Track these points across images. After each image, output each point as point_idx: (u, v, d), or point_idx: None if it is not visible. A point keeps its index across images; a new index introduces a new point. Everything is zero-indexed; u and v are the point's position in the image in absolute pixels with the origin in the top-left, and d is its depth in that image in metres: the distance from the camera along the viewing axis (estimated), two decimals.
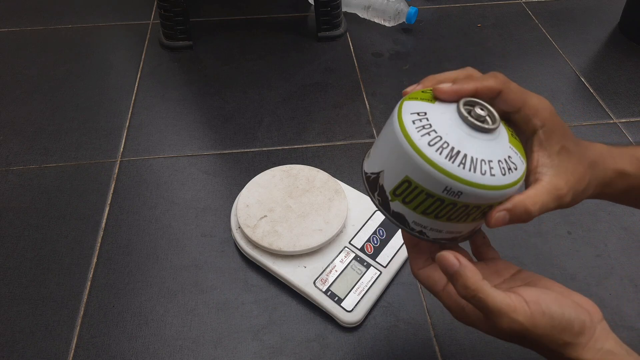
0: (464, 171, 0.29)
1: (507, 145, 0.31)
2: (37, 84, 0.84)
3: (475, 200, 0.30)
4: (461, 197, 0.30)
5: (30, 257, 0.60)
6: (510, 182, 0.30)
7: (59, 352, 0.52)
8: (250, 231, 0.57)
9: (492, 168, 0.30)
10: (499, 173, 0.30)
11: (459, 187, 0.29)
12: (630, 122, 0.78)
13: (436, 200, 0.31)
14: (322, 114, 0.80)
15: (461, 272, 0.31)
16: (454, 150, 0.29)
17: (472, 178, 0.29)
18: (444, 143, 0.29)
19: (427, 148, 0.29)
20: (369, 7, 0.97)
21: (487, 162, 0.30)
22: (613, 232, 0.63)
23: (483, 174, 0.29)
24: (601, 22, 0.99)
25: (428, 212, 0.32)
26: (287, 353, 0.52)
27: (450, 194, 0.30)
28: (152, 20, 0.99)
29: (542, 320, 0.30)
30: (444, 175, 0.29)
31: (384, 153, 0.33)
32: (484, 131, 0.30)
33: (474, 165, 0.29)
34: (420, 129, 0.30)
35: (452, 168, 0.29)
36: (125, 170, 0.70)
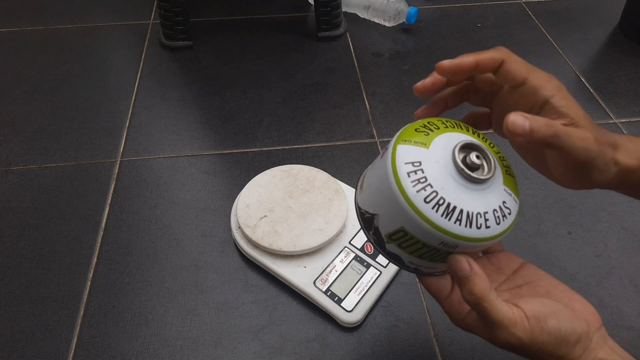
0: (460, 227, 0.29)
1: (501, 189, 0.31)
2: (37, 84, 0.84)
3: (471, 249, 0.31)
4: (457, 249, 0.31)
5: (30, 257, 0.60)
6: (503, 230, 0.31)
7: (59, 352, 0.52)
8: (250, 231, 0.57)
9: (487, 220, 0.30)
10: (494, 223, 0.30)
11: (455, 242, 0.30)
12: (631, 122, 0.78)
13: (432, 250, 0.31)
14: (322, 114, 0.80)
15: (470, 277, 0.31)
16: (450, 207, 0.29)
17: (468, 233, 0.30)
18: (440, 199, 0.29)
19: (423, 205, 0.29)
20: (369, 7, 0.97)
21: (483, 214, 0.30)
22: (613, 232, 0.63)
23: (479, 228, 0.30)
24: (601, 22, 0.99)
25: (424, 257, 0.32)
26: (287, 353, 0.52)
27: (446, 246, 0.31)
28: (152, 20, 0.99)
29: (540, 337, 0.31)
30: (440, 232, 0.30)
31: (378, 198, 0.32)
32: (479, 182, 0.30)
33: (469, 220, 0.29)
34: (415, 183, 0.30)
35: (448, 225, 0.29)
36: (125, 170, 0.70)
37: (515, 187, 0.32)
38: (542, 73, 0.32)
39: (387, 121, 0.78)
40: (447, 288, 0.35)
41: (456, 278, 0.32)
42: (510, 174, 0.33)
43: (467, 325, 0.34)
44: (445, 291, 0.35)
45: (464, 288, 0.31)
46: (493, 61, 0.31)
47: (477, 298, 0.31)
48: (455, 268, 0.31)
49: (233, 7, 1.03)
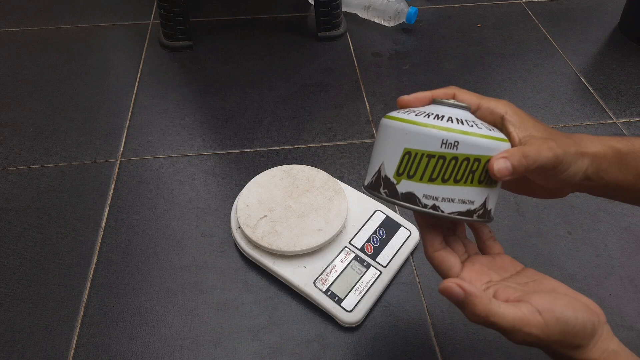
0: (454, 124, 0.32)
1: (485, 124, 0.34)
2: (37, 84, 0.84)
3: (473, 150, 0.32)
4: (459, 149, 0.32)
5: (30, 257, 0.60)
6: (501, 137, 0.33)
7: (59, 352, 0.52)
8: (250, 231, 0.57)
9: (478, 125, 0.33)
10: (486, 129, 0.33)
11: (454, 136, 0.32)
12: (630, 122, 0.79)
13: (438, 159, 0.32)
14: (322, 114, 0.80)
15: (467, 300, 0.31)
16: (440, 115, 0.33)
17: (463, 128, 0.32)
18: (429, 113, 0.33)
19: (416, 117, 0.33)
20: (369, 7, 0.97)
21: (472, 121, 0.33)
22: (613, 232, 0.63)
23: (471, 126, 0.32)
24: (601, 22, 0.99)
25: (434, 178, 0.33)
26: (287, 353, 0.52)
27: (448, 146, 0.32)
28: (152, 20, 0.99)
29: (556, 328, 0.31)
30: (437, 129, 0.32)
31: (379, 150, 0.35)
32: (460, 107, 0.34)
33: (460, 121, 0.32)
34: (406, 112, 0.34)
35: (442, 124, 0.32)
36: (125, 170, 0.70)
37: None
38: (491, 98, 0.37)
39: None
40: (457, 265, 0.35)
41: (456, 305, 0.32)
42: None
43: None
44: (456, 269, 0.35)
45: (466, 312, 0.32)
46: (446, 95, 0.37)
47: (482, 317, 0.31)
48: (449, 296, 0.32)
49: (233, 7, 1.03)
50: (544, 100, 0.82)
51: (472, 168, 0.32)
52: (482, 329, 0.53)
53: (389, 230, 0.60)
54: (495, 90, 0.84)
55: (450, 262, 0.35)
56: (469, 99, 0.36)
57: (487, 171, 0.33)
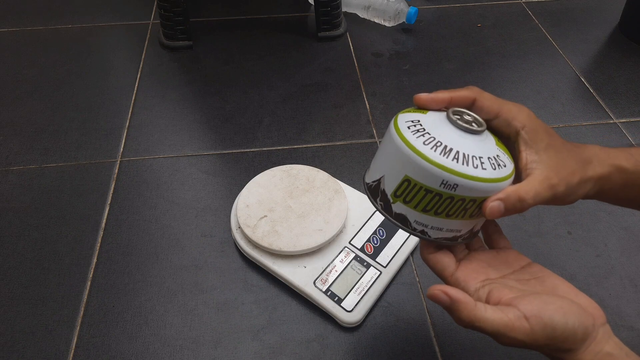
0: (458, 164, 0.32)
1: (494, 146, 0.34)
2: (37, 84, 0.84)
3: (471, 193, 0.32)
4: (457, 190, 0.32)
5: (30, 257, 0.60)
6: (501, 177, 0.33)
7: (59, 352, 0.52)
8: (250, 231, 0.57)
9: (483, 163, 0.32)
10: (490, 168, 0.32)
11: (454, 179, 0.31)
12: (630, 122, 0.79)
13: (435, 196, 0.33)
14: (322, 114, 0.80)
15: (453, 306, 0.32)
16: (447, 148, 0.32)
17: (466, 171, 0.31)
18: (438, 142, 0.32)
19: (422, 147, 0.32)
20: (369, 7, 0.97)
21: (478, 157, 0.32)
22: (613, 232, 0.63)
23: (475, 168, 0.32)
24: (601, 22, 0.99)
25: (428, 209, 0.33)
26: (287, 353, 0.52)
27: (447, 187, 0.32)
28: (152, 20, 0.99)
29: (543, 333, 0.31)
30: (440, 169, 0.31)
31: (383, 160, 0.35)
32: (472, 132, 0.33)
33: (466, 160, 0.32)
34: (415, 132, 0.33)
35: (446, 162, 0.32)
36: (125, 170, 0.70)
37: (508, 152, 0.35)
38: (513, 105, 0.36)
39: (387, 121, 0.78)
40: (452, 266, 0.36)
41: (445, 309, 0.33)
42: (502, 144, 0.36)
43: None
44: (451, 269, 0.36)
45: (453, 317, 0.33)
46: (466, 99, 0.35)
47: (467, 323, 0.32)
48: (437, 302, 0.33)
49: (233, 7, 1.03)
50: (544, 100, 0.82)
51: (465, 207, 0.33)
52: None
53: (389, 230, 0.60)
54: (495, 90, 0.84)
55: (444, 262, 0.36)
56: (489, 107, 0.35)
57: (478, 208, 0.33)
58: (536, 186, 0.33)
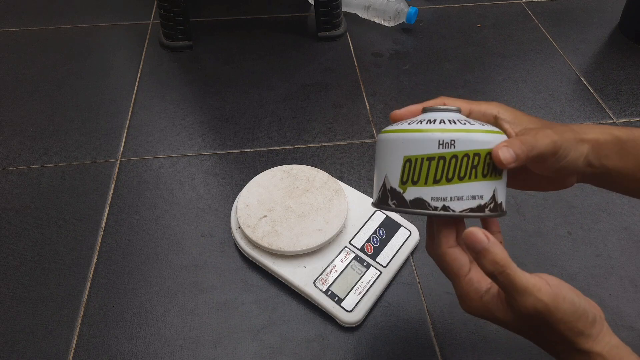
0: (447, 125, 0.33)
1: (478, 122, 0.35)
2: (37, 84, 0.84)
3: (471, 146, 0.32)
4: (457, 146, 0.32)
5: (30, 257, 0.60)
6: (494, 129, 0.34)
7: (59, 352, 0.52)
8: (250, 231, 0.57)
9: (471, 123, 0.33)
10: (478, 124, 0.33)
11: (449, 136, 0.32)
12: (630, 122, 0.78)
13: (438, 161, 0.32)
14: (322, 114, 0.80)
15: (490, 248, 0.32)
16: (432, 120, 0.34)
17: (457, 127, 0.33)
18: (421, 120, 0.34)
19: (409, 126, 0.34)
20: (369, 7, 0.97)
21: (464, 120, 0.34)
22: (613, 232, 0.63)
23: (464, 124, 0.33)
24: (601, 22, 0.99)
25: (438, 179, 0.33)
26: (287, 353, 0.52)
27: (445, 146, 0.32)
28: (152, 20, 0.99)
29: (564, 305, 0.31)
30: (432, 132, 0.32)
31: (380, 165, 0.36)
32: (450, 110, 0.35)
33: (453, 122, 0.33)
34: (399, 124, 0.35)
35: (436, 126, 0.33)
36: (125, 170, 0.70)
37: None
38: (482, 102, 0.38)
39: (387, 121, 0.78)
40: (468, 265, 0.35)
41: (474, 253, 0.32)
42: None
43: (484, 304, 0.34)
44: (466, 268, 0.35)
45: (486, 259, 0.32)
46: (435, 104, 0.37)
47: (500, 266, 0.31)
48: (472, 241, 0.32)
49: (233, 7, 1.03)
50: (544, 100, 0.82)
51: (473, 163, 0.33)
52: (482, 329, 0.53)
53: (389, 230, 0.60)
54: (495, 90, 0.84)
55: (462, 261, 0.35)
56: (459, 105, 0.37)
57: (489, 164, 0.33)
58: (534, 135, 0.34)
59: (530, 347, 0.36)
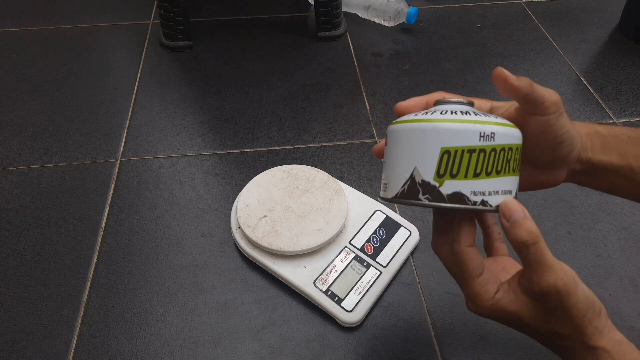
0: (482, 117, 0.32)
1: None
2: (37, 84, 0.84)
3: (508, 140, 0.32)
4: (496, 139, 0.31)
5: (30, 257, 0.60)
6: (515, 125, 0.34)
7: (59, 352, 0.52)
8: (250, 231, 0.57)
9: (497, 117, 0.33)
10: (502, 120, 0.33)
11: (489, 128, 0.31)
12: (630, 122, 0.78)
13: (479, 154, 0.31)
14: (322, 114, 0.80)
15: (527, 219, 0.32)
16: (463, 112, 0.32)
17: (493, 119, 0.32)
18: (452, 111, 0.33)
19: (442, 116, 0.32)
20: (369, 7, 0.97)
21: (490, 115, 0.33)
22: (613, 232, 0.63)
23: (496, 118, 0.32)
24: (601, 22, 0.99)
25: (478, 172, 0.32)
26: (287, 353, 0.52)
27: (486, 139, 0.31)
28: (152, 20, 0.99)
29: (578, 289, 0.32)
30: (473, 124, 0.31)
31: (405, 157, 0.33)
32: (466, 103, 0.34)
33: (484, 115, 0.32)
34: (424, 114, 0.33)
35: (472, 118, 0.32)
36: (125, 170, 0.70)
37: None
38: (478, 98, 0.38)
39: (387, 121, 0.78)
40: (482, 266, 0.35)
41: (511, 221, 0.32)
42: None
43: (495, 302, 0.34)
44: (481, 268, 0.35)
45: (522, 228, 0.32)
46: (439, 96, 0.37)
47: (535, 236, 0.31)
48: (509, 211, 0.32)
49: (233, 7, 1.03)
50: None
51: (507, 157, 0.32)
52: (482, 329, 0.53)
53: (389, 230, 0.60)
54: (495, 90, 0.83)
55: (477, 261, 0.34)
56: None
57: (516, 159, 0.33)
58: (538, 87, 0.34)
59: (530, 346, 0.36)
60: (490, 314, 0.34)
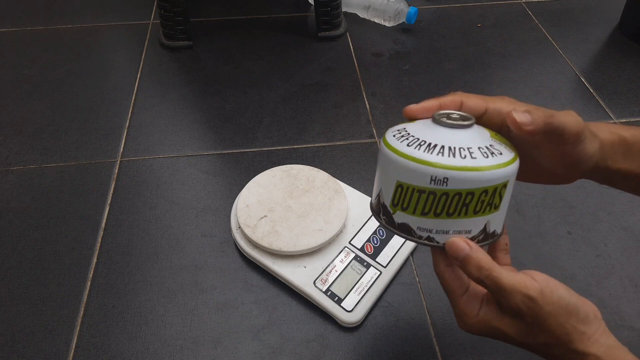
0: (443, 158, 0.31)
1: (487, 137, 0.33)
2: (37, 84, 0.84)
3: (464, 185, 0.31)
4: (449, 184, 0.31)
5: (30, 257, 0.60)
6: (495, 164, 0.31)
7: (59, 352, 0.52)
8: (250, 231, 0.57)
9: (472, 153, 0.31)
10: (481, 156, 0.31)
11: (442, 173, 0.31)
12: (630, 122, 0.79)
13: (429, 195, 0.32)
14: (322, 114, 0.80)
15: (473, 255, 0.32)
16: (432, 145, 0.31)
17: (453, 162, 0.30)
18: (422, 141, 0.32)
19: (406, 148, 0.32)
20: (369, 7, 0.97)
21: (466, 148, 0.31)
22: (613, 232, 0.63)
23: (463, 158, 0.31)
24: (601, 22, 0.99)
25: (426, 212, 0.32)
26: (287, 353, 0.52)
27: (437, 183, 0.31)
28: (152, 20, 0.99)
29: (552, 298, 0.31)
30: (425, 165, 0.31)
31: (378, 175, 0.36)
32: (459, 127, 0.32)
33: (452, 152, 0.31)
34: (399, 138, 0.33)
35: (431, 157, 0.31)
36: (125, 170, 0.70)
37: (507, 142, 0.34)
38: (497, 99, 0.36)
39: (387, 121, 0.78)
40: (465, 285, 0.35)
41: (459, 261, 0.33)
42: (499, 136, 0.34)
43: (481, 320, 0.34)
44: (464, 287, 0.35)
45: (471, 266, 0.32)
46: (454, 103, 0.35)
47: (486, 270, 0.32)
48: (454, 251, 0.33)
49: (233, 7, 1.03)
50: (544, 100, 0.82)
51: (465, 202, 0.32)
52: None
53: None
54: (495, 90, 0.84)
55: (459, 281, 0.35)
56: (475, 105, 0.35)
57: (483, 201, 0.32)
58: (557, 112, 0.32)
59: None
60: (478, 331, 0.35)
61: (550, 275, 0.36)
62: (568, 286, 0.35)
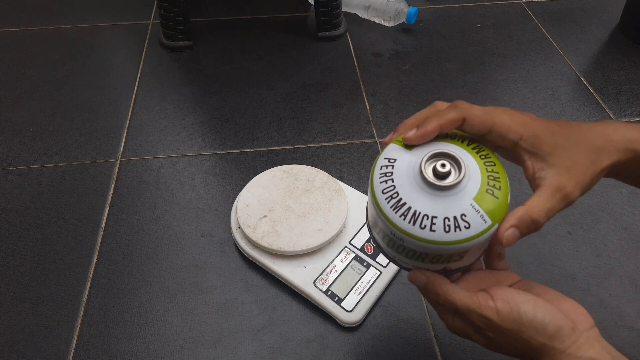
0: (404, 222, 0.31)
1: (467, 203, 0.30)
2: (37, 84, 0.84)
3: (417, 249, 0.32)
4: (405, 243, 0.32)
5: (30, 257, 0.60)
6: (452, 240, 0.30)
7: (59, 352, 0.52)
8: (250, 231, 0.57)
9: (434, 224, 0.30)
10: (441, 230, 0.30)
11: (398, 234, 0.32)
12: (630, 122, 0.79)
13: (390, 239, 0.33)
14: (322, 114, 0.80)
15: (429, 284, 0.34)
16: (401, 202, 0.31)
17: (410, 229, 0.31)
18: (395, 193, 0.31)
19: (380, 195, 0.32)
20: (369, 7, 0.97)
21: (430, 217, 0.30)
22: (613, 232, 0.63)
23: (422, 228, 0.30)
24: (601, 22, 0.99)
25: (391, 246, 0.34)
26: (287, 353, 0.52)
27: (396, 237, 0.32)
28: (152, 20, 0.99)
29: (510, 316, 0.32)
30: (387, 221, 0.32)
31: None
32: (438, 188, 0.30)
33: (414, 218, 0.30)
34: (382, 175, 0.32)
35: (394, 217, 0.31)
36: (125, 170, 0.70)
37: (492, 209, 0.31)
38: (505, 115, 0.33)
39: (387, 121, 0.78)
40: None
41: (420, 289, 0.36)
42: (496, 195, 0.31)
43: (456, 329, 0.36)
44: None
45: (430, 294, 0.35)
46: (455, 122, 0.33)
47: (441, 296, 0.34)
48: (415, 282, 0.35)
49: (233, 7, 1.03)
50: (544, 100, 0.82)
51: (420, 256, 0.33)
52: None
53: None
54: (495, 90, 0.84)
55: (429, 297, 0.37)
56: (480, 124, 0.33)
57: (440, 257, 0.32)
58: (548, 202, 0.32)
59: None
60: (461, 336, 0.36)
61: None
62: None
